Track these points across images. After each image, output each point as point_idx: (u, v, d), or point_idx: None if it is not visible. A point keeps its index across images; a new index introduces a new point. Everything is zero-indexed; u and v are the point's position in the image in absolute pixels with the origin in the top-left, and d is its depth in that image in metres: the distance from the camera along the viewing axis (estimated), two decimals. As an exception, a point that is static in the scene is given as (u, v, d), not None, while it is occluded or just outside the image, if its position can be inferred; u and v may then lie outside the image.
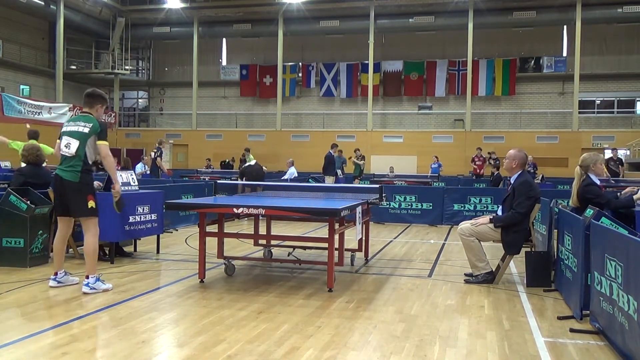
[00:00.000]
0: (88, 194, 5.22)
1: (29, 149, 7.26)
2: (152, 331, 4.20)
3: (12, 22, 26.96)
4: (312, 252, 7.40)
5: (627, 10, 25.27)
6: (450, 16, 26.86)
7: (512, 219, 5.89)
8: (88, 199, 5.20)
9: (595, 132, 26.42)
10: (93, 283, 5.27)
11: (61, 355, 3.61)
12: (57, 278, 5.45)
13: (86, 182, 5.24)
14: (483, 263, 6.09)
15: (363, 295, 5.45)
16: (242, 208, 5.39)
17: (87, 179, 5.24)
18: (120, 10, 29.57)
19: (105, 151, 5.24)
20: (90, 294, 5.19)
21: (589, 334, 4.26)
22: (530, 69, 28.76)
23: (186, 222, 10.85)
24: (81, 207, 5.24)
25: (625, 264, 3.51)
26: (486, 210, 11.48)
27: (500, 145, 23.62)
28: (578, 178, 6.21)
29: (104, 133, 5.27)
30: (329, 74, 30.19)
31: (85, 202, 5.20)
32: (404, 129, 28.31)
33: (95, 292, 5.23)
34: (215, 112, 31.72)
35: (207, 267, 6.07)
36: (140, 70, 34.17)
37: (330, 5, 27.40)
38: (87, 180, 5.24)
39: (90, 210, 5.23)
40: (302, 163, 23.72)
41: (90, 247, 5.31)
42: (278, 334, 4.14)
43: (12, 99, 23.02)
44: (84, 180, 5.22)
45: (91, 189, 5.26)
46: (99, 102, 5.44)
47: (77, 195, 5.25)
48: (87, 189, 5.24)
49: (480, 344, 4.05)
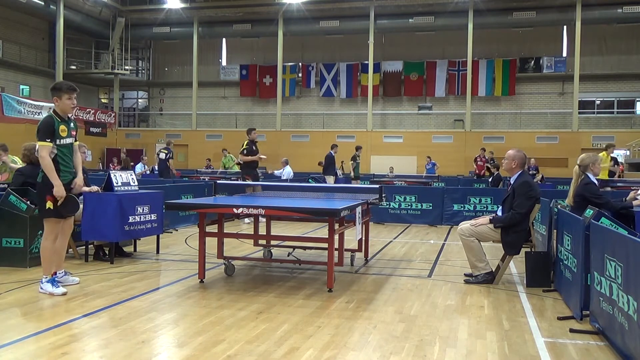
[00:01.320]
0: (46, 194, 5.13)
1: (30, 148, 7.24)
2: (152, 331, 4.20)
3: (12, 22, 26.97)
4: (312, 252, 7.40)
5: (627, 11, 25.29)
6: (450, 16, 26.87)
7: (512, 219, 5.89)
8: (47, 199, 5.13)
9: (595, 132, 26.43)
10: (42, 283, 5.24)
11: (61, 355, 3.61)
12: (57, 277, 5.44)
13: (45, 182, 5.13)
14: (483, 263, 6.10)
15: (363, 295, 5.45)
16: (242, 208, 5.38)
17: (47, 180, 5.13)
18: (120, 10, 29.57)
19: (39, 152, 5.08)
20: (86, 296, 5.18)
21: (589, 334, 4.26)
22: (530, 69, 28.77)
23: (186, 222, 10.85)
24: (40, 207, 5.22)
25: (625, 264, 3.51)
26: (486, 210, 11.48)
27: (500, 146, 23.61)
28: (576, 178, 6.23)
29: (40, 132, 5.06)
30: (328, 74, 30.20)
31: (44, 202, 5.15)
32: (404, 129, 28.32)
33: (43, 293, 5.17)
34: (215, 112, 31.73)
35: (207, 267, 6.07)
36: (140, 70, 34.17)
37: (330, 5, 27.41)
38: (47, 181, 5.12)
39: (47, 212, 5.16)
40: (303, 163, 23.74)
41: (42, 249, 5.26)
42: (278, 334, 4.14)
43: (12, 99, 23.03)
44: (44, 180, 5.16)
45: (49, 190, 5.11)
46: (55, 94, 5.25)
47: (38, 195, 5.26)
48: (46, 189, 5.13)
49: (480, 344, 4.05)
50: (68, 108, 5.29)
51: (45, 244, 5.26)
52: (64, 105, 5.26)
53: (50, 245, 5.27)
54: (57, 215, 5.21)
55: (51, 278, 5.24)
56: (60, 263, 5.49)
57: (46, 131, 5.08)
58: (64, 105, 5.26)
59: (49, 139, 5.08)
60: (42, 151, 5.06)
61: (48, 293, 5.16)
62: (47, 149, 5.07)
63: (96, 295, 5.18)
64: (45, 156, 5.05)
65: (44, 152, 5.05)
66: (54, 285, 5.22)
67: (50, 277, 5.24)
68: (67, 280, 5.50)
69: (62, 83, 5.35)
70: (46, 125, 5.11)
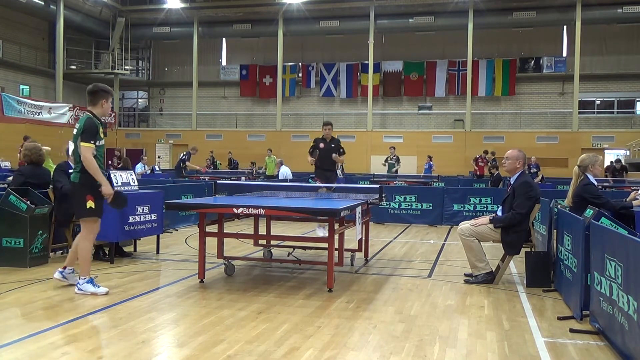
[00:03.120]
0: (86, 194, 5.17)
1: (31, 148, 7.26)
2: (152, 331, 4.20)
3: (12, 22, 26.97)
4: (312, 252, 7.40)
5: (627, 11, 25.29)
6: (450, 16, 26.88)
7: (512, 219, 5.89)
8: (87, 199, 5.16)
9: (595, 132, 26.44)
10: (81, 285, 5.24)
11: (61, 355, 3.61)
12: (64, 272, 5.44)
13: (84, 182, 5.17)
14: (483, 263, 6.10)
15: (363, 295, 5.45)
16: (242, 208, 5.38)
17: (85, 179, 5.17)
18: (120, 10, 29.58)
19: (83, 153, 5.10)
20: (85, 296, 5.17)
21: (589, 334, 4.26)
22: (530, 69, 28.77)
23: (186, 222, 10.85)
24: (79, 207, 5.22)
25: (625, 264, 3.51)
26: (486, 210, 11.48)
27: (500, 146, 23.63)
28: (576, 178, 6.23)
29: (85, 133, 5.10)
30: (329, 74, 30.20)
31: (84, 202, 5.17)
32: (404, 129, 28.32)
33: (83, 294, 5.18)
34: (215, 112, 31.73)
35: (207, 267, 6.07)
36: (140, 70, 34.17)
37: (330, 6, 27.42)
38: (85, 180, 5.17)
39: (89, 211, 5.19)
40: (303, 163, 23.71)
41: (82, 250, 5.26)
42: (278, 334, 4.14)
43: (12, 99, 23.03)
44: (82, 181, 5.18)
45: (90, 190, 5.17)
46: (102, 97, 5.30)
47: (76, 195, 5.25)
48: (85, 189, 5.18)
49: (480, 344, 4.05)
50: (107, 111, 5.46)
51: (85, 244, 5.26)
52: (106, 109, 5.39)
53: (89, 245, 5.29)
54: (98, 215, 5.24)
55: (90, 279, 5.24)
56: (72, 260, 5.47)
57: (92, 132, 5.15)
58: (106, 108, 5.39)
59: (93, 140, 5.14)
60: (86, 152, 5.09)
61: (90, 293, 5.17)
62: (91, 150, 5.13)
63: (96, 296, 5.17)
64: (90, 157, 5.10)
65: (89, 153, 5.10)
66: (94, 285, 5.22)
67: (89, 277, 5.24)
68: (70, 279, 5.48)
69: (107, 87, 5.45)
70: (92, 126, 5.18)
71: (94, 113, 5.30)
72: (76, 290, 5.23)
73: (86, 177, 5.17)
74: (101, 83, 5.62)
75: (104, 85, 5.45)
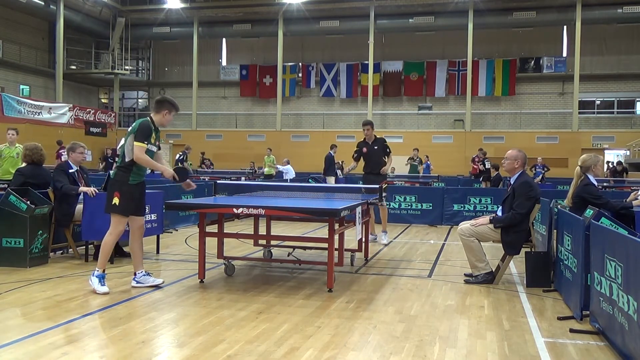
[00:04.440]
0: (115, 190, 5.26)
1: (32, 148, 7.25)
2: (152, 331, 4.20)
3: (12, 22, 26.98)
4: (312, 252, 7.40)
5: (627, 11, 25.31)
6: (450, 16, 26.89)
7: (512, 219, 5.88)
8: (114, 195, 5.24)
9: (595, 132, 26.45)
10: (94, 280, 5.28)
11: (61, 355, 3.61)
12: (137, 278, 5.50)
13: (118, 178, 5.28)
14: (483, 263, 6.10)
15: (363, 295, 5.45)
16: (242, 208, 5.38)
17: (120, 176, 5.27)
18: (120, 10, 29.59)
19: (136, 153, 5.19)
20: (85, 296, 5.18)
21: (589, 334, 4.26)
22: (530, 69, 28.78)
23: (186, 222, 10.85)
24: (108, 201, 5.33)
25: (625, 264, 3.51)
26: (486, 210, 11.48)
27: (500, 146, 23.65)
28: (577, 178, 6.23)
29: (139, 133, 5.20)
30: (329, 74, 30.21)
31: (111, 198, 5.27)
32: (404, 129, 28.32)
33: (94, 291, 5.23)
34: (215, 112, 31.74)
35: (207, 267, 6.07)
36: (140, 70, 34.18)
37: (330, 6, 27.43)
38: (119, 177, 5.27)
39: (113, 207, 5.27)
40: (303, 163, 23.74)
41: (104, 244, 5.35)
42: (278, 334, 4.13)
43: (12, 99, 23.04)
44: (116, 177, 5.31)
45: (119, 187, 5.24)
46: (166, 108, 5.41)
47: (108, 190, 5.39)
48: (117, 185, 5.27)
49: (480, 344, 4.05)
50: (166, 123, 5.48)
51: (107, 238, 5.33)
52: (166, 120, 5.45)
53: (111, 240, 5.33)
54: (121, 212, 5.27)
55: (101, 274, 5.29)
56: (137, 263, 5.53)
57: (145, 134, 5.24)
58: (166, 119, 5.45)
59: (146, 141, 5.23)
60: (138, 152, 5.18)
61: (92, 288, 5.24)
62: (143, 150, 5.21)
63: (96, 295, 5.17)
64: (142, 155, 5.19)
65: (141, 153, 5.19)
66: (100, 282, 5.26)
67: (101, 272, 5.29)
68: (146, 281, 5.50)
69: (175, 102, 5.54)
70: (146, 128, 5.28)
71: (153, 119, 5.42)
72: (133, 284, 5.47)
73: (121, 175, 5.28)
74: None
75: (172, 100, 5.56)
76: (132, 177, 5.29)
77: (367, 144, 8.86)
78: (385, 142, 8.90)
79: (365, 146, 8.87)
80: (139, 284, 5.50)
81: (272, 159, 21.22)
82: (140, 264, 5.56)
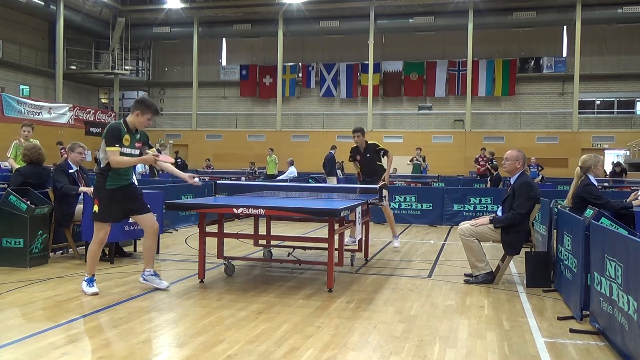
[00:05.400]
0: (95, 197, 5.24)
1: (30, 148, 7.26)
2: (152, 331, 4.20)
3: (12, 22, 26.97)
4: (312, 253, 7.40)
5: (627, 11, 25.30)
6: (450, 16, 26.89)
7: (512, 219, 5.89)
8: (94, 202, 5.22)
9: (595, 132, 26.45)
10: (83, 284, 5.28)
11: (61, 355, 3.61)
12: (144, 275, 5.48)
13: (96, 185, 5.23)
14: (483, 263, 6.10)
15: (363, 295, 5.45)
16: (242, 208, 5.38)
17: (97, 182, 5.21)
18: (120, 10, 29.58)
19: (110, 158, 5.07)
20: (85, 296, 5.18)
21: (589, 334, 4.26)
22: (530, 69, 28.78)
23: (186, 222, 10.85)
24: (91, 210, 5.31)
25: (625, 265, 3.51)
26: (486, 210, 11.48)
27: (500, 146, 23.61)
28: (577, 178, 6.24)
29: (107, 137, 5.07)
30: (329, 74, 30.20)
31: (92, 205, 5.26)
32: (404, 130, 28.32)
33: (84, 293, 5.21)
34: (215, 112, 31.74)
35: (207, 267, 6.07)
36: (140, 70, 34.18)
37: (330, 6, 27.43)
38: (97, 184, 5.22)
39: (93, 214, 5.23)
40: (303, 163, 23.73)
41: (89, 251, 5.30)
42: (278, 334, 4.14)
43: (12, 99, 23.04)
44: (95, 184, 5.28)
45: (98, 192, 5.19)
46: (137, 108, 5.22)
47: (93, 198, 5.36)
48: (95, 192, 5.25)
49: (480, 344, 4.05)
50: (141, 125, 5.30)
51: (91, 247, 5.28)
52: (139, 121, 5.25)
53: (94, 248, 5.27)
54: (100, 219, 5.20)
55: (89, 278, 5.27)
56: (146, 261, 5.49)
57: (113, 136, 5.09)
58: (139, 120, 5.25)
59: (117, 143, 5.08)
60: (112, 155, 5.05)
61: (82, 290, 5.24)
62: (116, 153, 5.08)
63: (96, 296, 5.17)
64: (115, 158, 5.05)
65: (114, 156, 5.06)
66: (89, 284, 5.25)
67: (89, 276, 5.27)
68: (153, 281, 5.46)
69: (153, 104, 5.37)
70: (114, 130, 5.13)
71: (126, 121, 5.26)
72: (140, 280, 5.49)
73: (98, 181, 5.21)
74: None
75: (152, 103, 5.39)
76: (109, 182, 5.15)
77: (359, 152, 8.71)
78: (377, 147, 8.69)
79: (358, 154, 8.73)
80: (145, 282, 5.48)
81: (274, 158, 21.27)
82: (149, 262, 5.51)
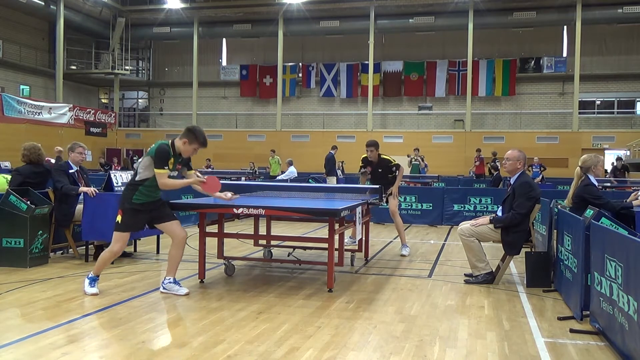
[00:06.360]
0: (120, 207, 5.23)
1: (29, 148, 7.24)
2: (152, 331, 4.20)
3: (12, 22, 26.98)
4: (312, 253, 7.40)
5: (627, 11, 25.30)
6: (450, 16, 26.89)
7: (512, 219, 5.88)
8: (119, 212, 5.22)
9: (595, 132, 26.44)
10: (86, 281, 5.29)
11: (61, 355, 3.61)
12: (164, 284, 5.39)
13: (124, 195, 5.23)
14: (483, 263, 6.10)
15: (363, 295, 5.45)
16: (242, 208, 5.38)
17: (125, 193, 5.22)
18: (120, 10, 29.59)
19: (159, 181, 5.11)
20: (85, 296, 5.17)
21: (589, 334, 4.26)
22: (530, 69, 28.78)
23: (186, 222, 10.84)
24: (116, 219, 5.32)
25: (625, 265, 3.51)
26: (486, 210, 11.48)
27: (501, 146, 23.60)
28: (577, 178, 6.24)
29: (157, 160, 5.08)
30: (329, 74, 30.21)
31: (116, 215, 5.26)
32: (404, 130, 28.32)
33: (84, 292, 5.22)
34: (215, 113, 31.74)
35: (207, 267, 6.07)
36: (140, 70, 34.18)
37: (330, 6, 27.43)
38: (125, 194, 5.22)
39: (116, 224, 5.23)
40: (303, 163, 23.73)
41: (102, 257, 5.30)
42: (278, 334, 4.13)
43: (12, 99, 23.05)
44: (123, 193, 5.27)
45: (123, 204, 5.19)
46: (185, 136, 5.27)
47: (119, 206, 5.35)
48: (121, 202, 5.23)
49: (480, 344, 4.05)
50: (186, 153, 5.34)
51: (105, 254, 5.27)
52: (185, 149, 5.29)
53: (108, 257, 5.27)
54: (122, 230, 5.21)
55: (93, 277, 5.28)
56: (168, 269, 5.42)
57: (162, 159, 5.13)
58: (185, 149, 5.29)
59: (165, 166, 5.13)
60: (160, 178, 5.10)
61: (83, 288, 5.26)
62: (164, 175, 5.13)
63: (96, 296, 5.17)
64: (163, 180, 5.11)
65: (163, 179, 5.11)
66: (91, 283, 5.26)
67: (93, 275, 5.28)
68: (172, 289, 5.38)
69: (202, 135, 5.36)
70: (163, 152, 5.15)
71: (174, 143, 5.28)
72: (161, 289, 5.37)
73: (127, 192, 5.21)
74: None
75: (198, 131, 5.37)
76: (136, 196, 5.16)
77: (371, 164, 8.38)
78: (390, 164, 8.29)
79: (369, 165, 8.40)
80: (165, 291, 5.37)
81: (277, 159, 21.32)
82: (171, 270, 5.41)
